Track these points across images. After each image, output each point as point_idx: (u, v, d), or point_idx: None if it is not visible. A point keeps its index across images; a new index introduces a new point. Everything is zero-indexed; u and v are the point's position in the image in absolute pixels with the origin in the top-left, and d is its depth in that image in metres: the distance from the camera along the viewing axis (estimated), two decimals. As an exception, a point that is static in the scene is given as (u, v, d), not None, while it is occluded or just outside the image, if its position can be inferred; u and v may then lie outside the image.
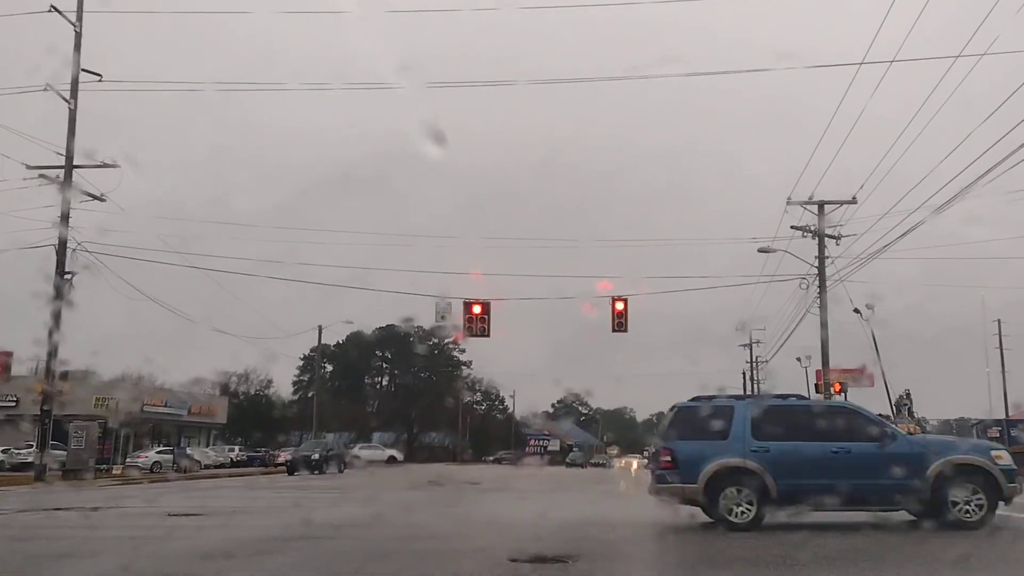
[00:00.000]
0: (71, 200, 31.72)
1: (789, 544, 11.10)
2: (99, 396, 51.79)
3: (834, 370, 35.24)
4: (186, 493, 25.86)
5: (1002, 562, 10.59)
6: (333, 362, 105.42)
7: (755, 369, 67.99)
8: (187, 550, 10.95)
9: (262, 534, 12.87)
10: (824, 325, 32.71)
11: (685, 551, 11.29)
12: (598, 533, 12.99)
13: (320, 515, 16.42)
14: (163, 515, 16.78)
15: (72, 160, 31.91)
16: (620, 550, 11.14)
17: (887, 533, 12.41)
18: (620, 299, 31.40)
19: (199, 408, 65.24)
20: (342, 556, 10.42)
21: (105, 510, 17.96)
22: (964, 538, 11.57)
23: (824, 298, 32.74)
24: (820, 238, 33.25)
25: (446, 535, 13.35)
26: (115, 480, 33.11)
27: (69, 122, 32.10)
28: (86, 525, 14.86)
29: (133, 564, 9.76)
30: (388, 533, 13.52)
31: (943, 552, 10.54)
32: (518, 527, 14.32)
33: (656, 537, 12.99)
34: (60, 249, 31.35)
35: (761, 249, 34.13)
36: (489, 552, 10.40)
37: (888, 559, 10.12)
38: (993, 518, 12.52)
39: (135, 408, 55.14)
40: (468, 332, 31.16)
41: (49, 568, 9.66)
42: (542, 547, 10.43)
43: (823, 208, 33.32)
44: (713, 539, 12.12)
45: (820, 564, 9.62)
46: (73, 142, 31.87)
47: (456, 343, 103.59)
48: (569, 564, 9.27)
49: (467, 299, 31.83)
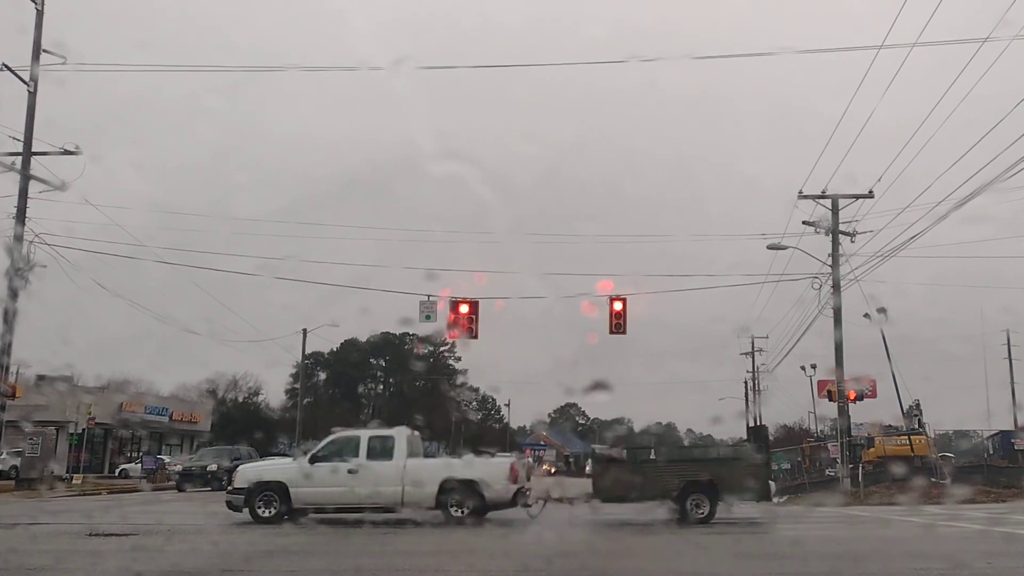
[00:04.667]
0: (28, 190, 29.64)
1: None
2: (74, 402, 49.47)
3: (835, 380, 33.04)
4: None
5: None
6: (327, 369, 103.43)
7: (756, 379, 65.88)
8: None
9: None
10: (838, 325, 30.47)
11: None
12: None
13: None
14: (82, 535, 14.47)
15: (31, 147, 29.86)
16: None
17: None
18: (619, 299, 29.27)
19: (181, 415, 62.85)
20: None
21: (24, 526, 15.68)
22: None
23: (838, 299, 30.52)
24: (834, 235, 31.05)
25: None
26: (71, 491, 30.74)
27: (28, 107, 30.07)
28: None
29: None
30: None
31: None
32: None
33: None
34: (16, 243, 29.24)
35: (771, 246, 31.90)
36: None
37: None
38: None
39: (111, 415, 52.83)
40: (453, 330, 29.06)
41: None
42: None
43: (837, 203, 31.15)
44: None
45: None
46: (32, 128, 29.85)
47: (452, 351, 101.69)
48: None
49: (453, 298, 29.74)
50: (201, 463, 35.84)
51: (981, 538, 14.67)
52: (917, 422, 41.79)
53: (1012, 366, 63.96)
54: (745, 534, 16.97)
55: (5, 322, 28.17)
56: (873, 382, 41.06)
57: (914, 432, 39.92)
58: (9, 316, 28.58)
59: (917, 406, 42.14)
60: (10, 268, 28.63)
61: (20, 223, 29.46)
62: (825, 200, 31.35)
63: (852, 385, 32.82)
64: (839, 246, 31.18)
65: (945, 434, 63.06)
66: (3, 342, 28.75)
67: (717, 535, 16.77)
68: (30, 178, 29.49)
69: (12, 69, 29.09)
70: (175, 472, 37.73)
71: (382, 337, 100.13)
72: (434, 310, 29.89)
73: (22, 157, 29.77)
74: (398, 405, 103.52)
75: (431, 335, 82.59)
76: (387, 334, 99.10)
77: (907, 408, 41.34)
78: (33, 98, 29.83)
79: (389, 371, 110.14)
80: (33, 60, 29.55)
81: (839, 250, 31.18)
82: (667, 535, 16.34)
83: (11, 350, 28.84)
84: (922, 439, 39.49)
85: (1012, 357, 64.49)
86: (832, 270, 31.19)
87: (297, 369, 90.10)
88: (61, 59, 30.36)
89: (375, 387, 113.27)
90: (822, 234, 31.44)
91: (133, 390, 59.87)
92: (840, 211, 31.34)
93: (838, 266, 31.05)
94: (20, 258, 29.03)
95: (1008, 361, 64.27)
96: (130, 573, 9.86)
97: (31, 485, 29.77)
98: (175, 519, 18.32)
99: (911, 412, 41.86)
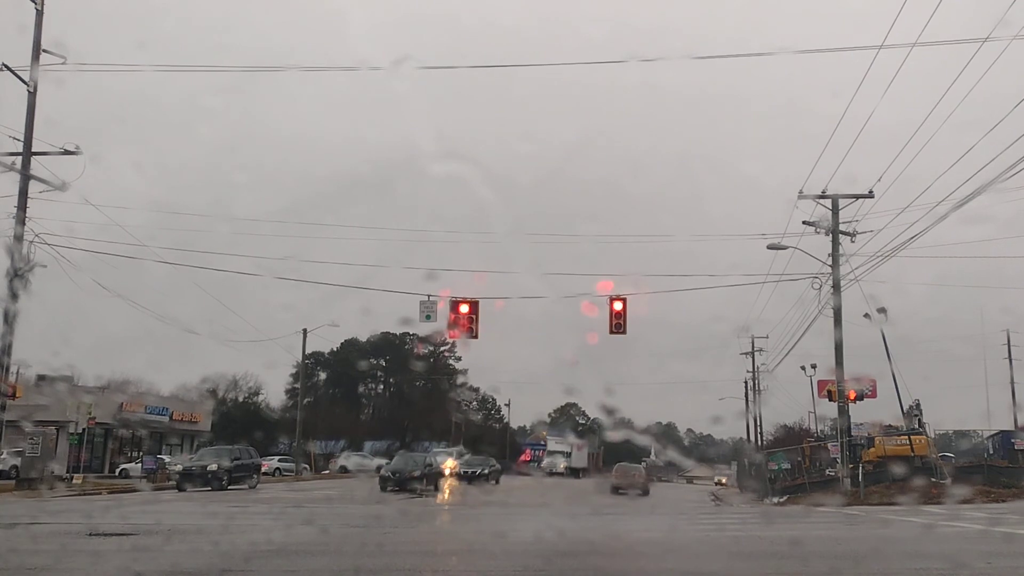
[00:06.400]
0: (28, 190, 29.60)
1: None
2: (74, 402, 49.42)
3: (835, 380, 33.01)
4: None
5: None
6: (327, 369, 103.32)
7: (756, 379, 65.85)
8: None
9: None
10: (838, 325, 30.45)
11: None
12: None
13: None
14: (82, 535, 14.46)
15: (31, 147, 29.82)
16: None
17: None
18: (619, 298, 29.31)
19: (181, 415, 62.82)
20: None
21: (24, 526, 15.67)
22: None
23: (838, 299, 30.50)
24: (834, 235, 31.06)
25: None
26: (71, 491, 30.74)
27: (28, 107, 30.04)
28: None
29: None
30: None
31: None
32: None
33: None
34: (16, 243, 29.21)
35: (771, 246, 31.86)
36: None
37: None
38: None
39: (112, 414, 52.79)
40: (453, 330, 29.08)
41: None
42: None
43: (837, 203, 31.16)
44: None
45: None
46: (32, 128, 29.83)
47: (452, 351, 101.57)
48: None
49: (453, 298, 29.75)
50: (201, 463, 35.32)
51: (981, 538, 14.67)
52: (917, 422, 41.68)
53: (1012, 366, 64.00)
54: (745, 534, 16.97)
55: (6, 322, 28.16)
56: (873, 382, 41.07)
57: (914, 432, 39.83)
58: (9, 316, 28.58)
59: (917, 406, 42.04)
60: (10, 268, 28.64)
61: (20, 223, 29.45)
62: (825, 200, 31.37)
63: (852, 385, 32.83)
64: (839, 246, 31.20)
65: (945, 434, 63.04)
66: (3, 342, 28.71)
67: (717, 534, 16.78)
68: (30, 178, 29.45)
69: (12, 69, 29.02)
70: (175, 472, 37.60)
71: (382, 337, 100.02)
72: (434, 310, 29.87)
73: (22, 157, 29.70)
74: (398, 405, 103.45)
75: (431, 335, 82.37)
76: (387, 334, 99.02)
77: (907, 408, 41.26)
78: (33, 98, 29.78)
79: (389, 371, 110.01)
80: (33, 60, 29.49)
81: (839, 250, 31.20)
82: (667, 535, 16.36)
83: (11, 350, 28.83)
84: (922, 439, 39.38)
85: (1012, 357, 64.53)
86: (832, 270, 31.19)
87: (297, 369, 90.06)
88: (61, 59, 30.28)
89: (375, 387, 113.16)
90: (822, 234, 31.46)
91: (133, 390, 59.84)
92: (840, 211, 31.35)
93: (838, 266, 31.05)
94: (20, 258, 29.00)
95: (1008, 361, 64.30)
96: (130, 573, 9.85)
97: (31, 485, 29.71)
98: (175, 519, 18.30)
99: (911, 412, 41.76)
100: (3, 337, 28.61)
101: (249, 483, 36.23)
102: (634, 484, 42.52)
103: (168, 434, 63.17)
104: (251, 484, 36.26)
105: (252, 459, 38.69)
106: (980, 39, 19.28)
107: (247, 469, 37.03)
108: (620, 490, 41.79)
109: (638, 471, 46.10)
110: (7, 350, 28.70)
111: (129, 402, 57.40)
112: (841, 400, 31.69)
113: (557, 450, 79.62)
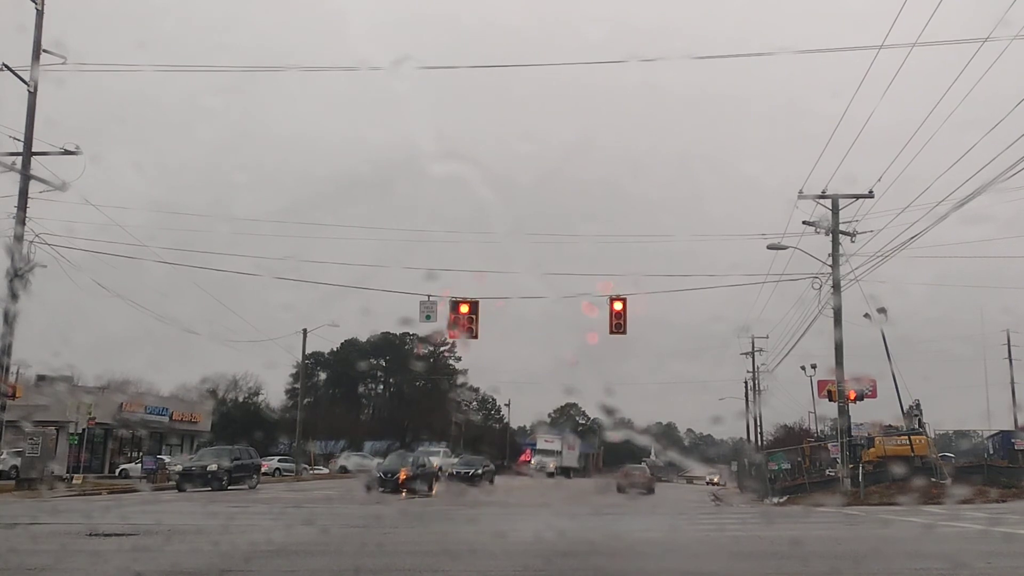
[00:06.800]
0: (28, 190, 29.59)
1: None
2: (74, 402, 49.41)
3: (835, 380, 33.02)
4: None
5: None
6: (327, 370, 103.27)
7: (756, 379, 65.84)
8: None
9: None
10: (838, 325, 30.46)
11: None
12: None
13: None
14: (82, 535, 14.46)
15: (31, 147, 29.82)
16: None
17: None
18: (619, 298, 29.36)
19: (181, 415, 62.80)
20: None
21: (24, 526, 15.66)
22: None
23: (838, 299, 30.51)
24: (834, 235, 31.07)
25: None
26: (71, 491, 30.73)
27: (28, 107, 30.03)
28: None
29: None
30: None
31: None
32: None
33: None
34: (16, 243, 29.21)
35: (771, 246, 31.88)
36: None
37: None
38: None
39: (112, 414, 52.78)
40: (453, 330, 29.11)
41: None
42: None
43: (837, 203, 31.17)
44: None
45: None
46: (32, 128, 29.82)
47: (452, 351, 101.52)
48: None
49: (453, 298, 29.77)
50: (201, 463, 35.31)
51: (981, 538, 14.66)
52: (917, 422, 41.69)
53: (1012, 366, 64.01)
54: (745, 534, 16.97)
55: (6, 322, 28.17)
56: (873, 382, 41.07)
57: (914, 432, 39.85)
58: (9, 316, 28.58)
59: (917, 406, 42.05)
60: (10, 268, 28.63)
61: (20, 223, 29.45)
62: (825, 200, 31.38)
63: (852, 385, 32.82)
64: (839, 246, 31.20)
65: (945, 434, 63.05)
66: (3, 342, 28.71)
67: (717, 534, 16.78)
68: (30, 178, 29.45)
69: (12, 69, 29.02)
70: (175, 472, 37.58)
71: (382, 337, 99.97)
72: (434, 310, 29.89)
73: (22, 157, 29.69)
74: (398, 405, 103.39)
75: (431, 335, 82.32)
76: (387, 334, 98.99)
77: (907, 408, 41.28)
78: (33, 98, 29.78)
79: (389, 371, 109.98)
80: (33, 60, 29.49)
81: (839, 250, 31.20)
82: (667, 534, 16.36)
83: (11, 350, 28.84)
84: (922, 439, 39.40)
85: (1012, 357, 64.55)
86: (832, 270, 31.20)
87: (297, 369, 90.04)
88: (61, 59, 30.27)
89: (375, 387, 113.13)
90: (822, 234, 31.48)
91: (133, 390, 59.84)
92: (840, 211, 31.36)
93: (838, 266, 31.06)
94: (20, 258, 29.00)
95: (1008, 361, 64.32)
96: (130, 573, 9.85)
97: (31, 485, 29.71)
98: (175, 519, 18.30)
99: (911, 412, 41.76)
100: (3, 337, 28.63)
101: (249, 483, 36.19)
102: (640, 484, 44.64)
103: (168, 434, 63.18)
104: (251, 484, 36.20)
105: (252, 459, 38.66)
106: (980, 39, 19.30)
107: (247, 469, 36.97)
108: (626, 489, 43.40)
109: (643, 472, 48.56)
110: (7, 350, 28.70)
111: (129, 402, 57.40)
112: (841, 400, 31.68)
113: (546, 449, 78.33)
